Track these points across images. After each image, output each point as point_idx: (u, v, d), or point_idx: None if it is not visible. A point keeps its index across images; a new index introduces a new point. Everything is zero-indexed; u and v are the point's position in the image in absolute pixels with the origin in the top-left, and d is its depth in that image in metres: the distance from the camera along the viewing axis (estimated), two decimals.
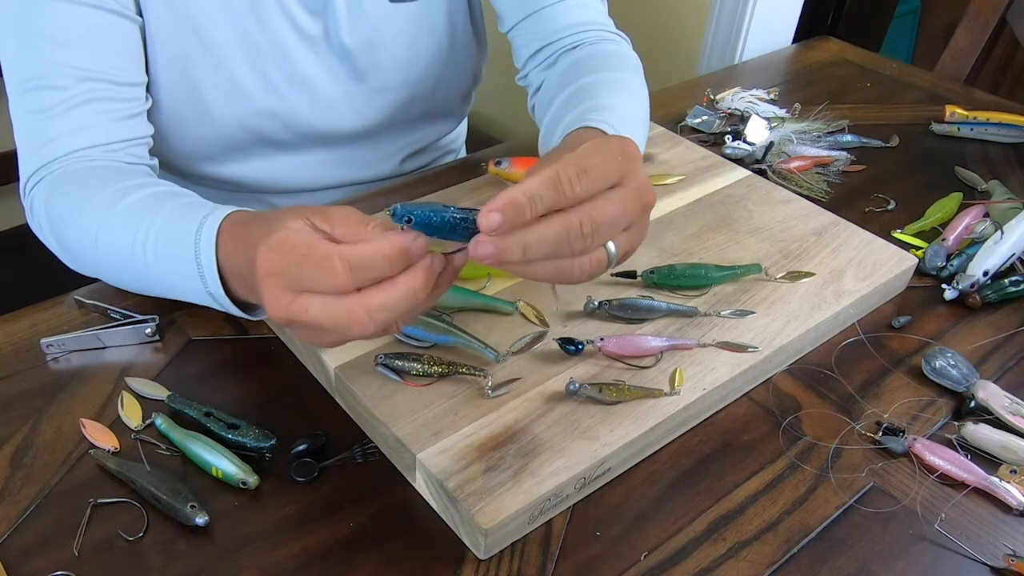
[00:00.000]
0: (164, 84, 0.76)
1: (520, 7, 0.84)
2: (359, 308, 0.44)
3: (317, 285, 0.45)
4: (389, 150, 0.94)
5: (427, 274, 0.45)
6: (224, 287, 0.58)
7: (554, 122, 0.73)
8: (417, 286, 0.45)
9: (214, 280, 0.58)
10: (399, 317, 0.46)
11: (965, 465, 0.61)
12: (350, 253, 0.44)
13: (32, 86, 0.67)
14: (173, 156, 0.82)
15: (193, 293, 0.61)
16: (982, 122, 1.06)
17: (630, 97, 0.74)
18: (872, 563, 0.55)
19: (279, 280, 0.46)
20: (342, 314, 0.44)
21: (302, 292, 0.46)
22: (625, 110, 0.69)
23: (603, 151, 0.46)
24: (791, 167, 0.95)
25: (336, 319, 0.45)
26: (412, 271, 0.45)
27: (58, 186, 0.67)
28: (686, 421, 0.63)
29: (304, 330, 0.47)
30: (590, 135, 0.63)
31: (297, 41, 0.79)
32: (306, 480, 0.58)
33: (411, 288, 0.45)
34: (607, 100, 0.69)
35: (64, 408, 0.63)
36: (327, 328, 0.45)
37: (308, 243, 0.45)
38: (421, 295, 0.45)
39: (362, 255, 0.44)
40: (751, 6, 1.32)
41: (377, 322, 0.45)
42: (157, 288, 0.65)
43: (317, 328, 0.46)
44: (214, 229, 0.57)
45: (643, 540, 0.56)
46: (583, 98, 0.71)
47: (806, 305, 0.71)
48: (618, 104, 0.69)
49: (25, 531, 0.54)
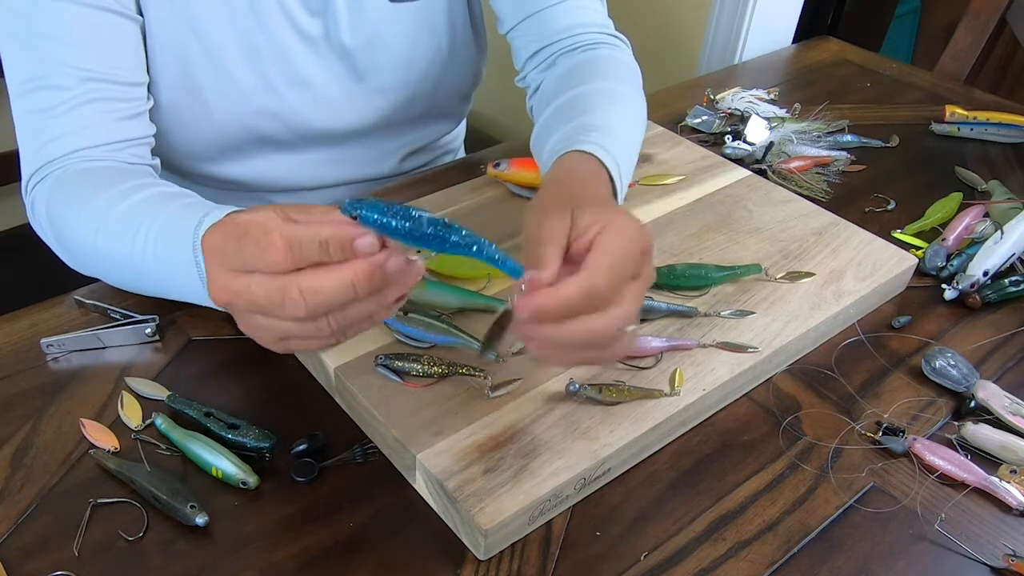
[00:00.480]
0: (164, 84, 0.76)
1: (519, 8, 0.84)
2: (292, 286, 0.43)
3: (256, 261, 0.44)
4: (388, 149, 0.94)
5: (369, 268, 0.43)
6: None
7: (545, 131, 0.73)
8: (357, 278, 0.43)
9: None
10: (333, 306, 0.44)
11: (965, 465, 0.61)
12: (291, 231, 0.43)
13: (34, 86, 0.67)
14: (173, 155, 0.82)
15: (192, 293, 0.61)
16: (982, 122, 1.06)
17: (624, 112, 0.73)
18: (872, 563, 0.55)
19: (220, 258, 0.46)
20: (276, 290, 0.43)
21: (243, 272, 0.45)
22: (618, 129, 0.69)
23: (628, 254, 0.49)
24: (791, 167, 0.95)
25: (270, 295, 0.44)
26: (354, 261, 0.44)
27: (59, 186, 0.67)
28: (686, 421, 0.63)
29: (244, 313, 0.47)
30: (582, 161, 0.63)
31: (297, 41, 0.79)
32: (306, 480, 0.58)
33: (348, 277, 0.43)
34: (600, 118, 0.69)
35: (64, 408, 0.63)
36: (262, 305, 0.44)
37: (253, 222, 0.45)
38: (361, 288, 0.44)
39: (301, 233, 0.43)
40: (751, 6, 1.32)
41: (310, 304, 0.43)
42: (157, 288, 0.65)
43: (254, 308, 0.45)
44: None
45: (643, 540, 0.56)
46: (576, 112, 0.71)
47: (806, 305, 0.71)
48: (611, 123, 0.69)
49: (25, 531, 0.54)
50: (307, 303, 0.43)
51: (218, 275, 0.46)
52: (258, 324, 0.46)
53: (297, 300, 0.43)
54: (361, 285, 0.43)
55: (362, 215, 0.43)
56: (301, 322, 0.45)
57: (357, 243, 0.43)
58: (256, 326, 0.47)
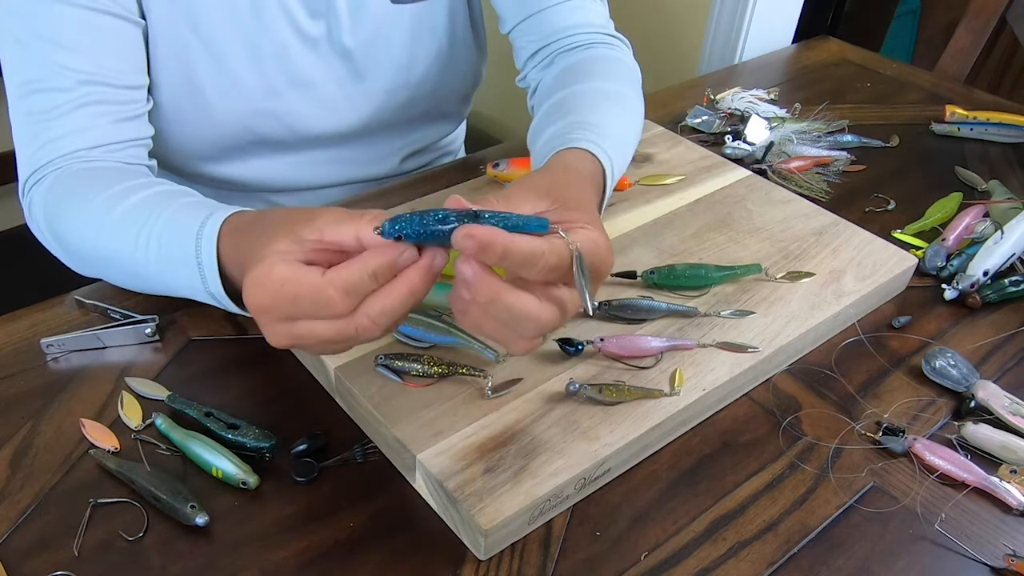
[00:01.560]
0: (165, 85, 0.76)
1: (520, 8, 0.84)
2: (364, 319, 0.46)
3: (318, 315, 0.46)
4: (389, 150, 0.94)
5: (423, 274, 0.46)
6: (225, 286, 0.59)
7: (540, 127, 0.73)
8: (415, 288, 0.46)
9: (215, 280, 0.58)
10: (401, 317, 0.47)
11: (965, 465, 0.61)
12: (342, 280, 0.45)
13: (32, 88, 0.68)
14: (174, 156, 0.82)
15: (194, 292, 0.61)
16: (982, 122, 1.06)
17: (620, 111, 0.73)
18: (872, 563, 0.55)
19: (273, 314, 0.47)
20: (347, 327, 0.46)
21: (299, 319, 0.47)
22: (612, 127, 0.69)
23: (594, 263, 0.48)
24: (791, 167, 0.95)
25: (343, 332, 0.46)
26: (409, 272, 0.46)
27: (57, 187, 0.67)
28: (686, 421, 0.63)
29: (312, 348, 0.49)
30: (575, 158, 0.63)
31: (298, 43, 0.79)
32: (306, 480, 0.58)
33: (408, 291, 0.46)
34: (594, 116, 0.69)
35: (64, 408, 0.63)
36: (332, 341, 0.47)
37: (296, 279, 0.46)
38: (420, 294, 0.46)
39: (352, 277, 0.45)
40: (751, 6, 1.32)
41: (381, 326, 0.46)
42: (158, 287, 0.65)
43: (321, 344, 0.47)
44: (215, 229, 0.57)
45: (643, 540, 0.56)
46: (570, 109, 0.71)
47: (806, 305, 0.71)
48: (605, 121, 0.69)
49: (25, 531, 0.54)
50: (378, 325, 0.46)
51: (275, 328, 0.48)
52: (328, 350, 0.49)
53: (371, 328, 0.46)
54: (420, 291, 0.46)
55: (405, 235, 0.45)
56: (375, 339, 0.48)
57: (400, 261, 0.45)
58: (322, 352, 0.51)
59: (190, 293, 0.62)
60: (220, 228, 0.57)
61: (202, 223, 0.58)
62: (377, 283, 0.45)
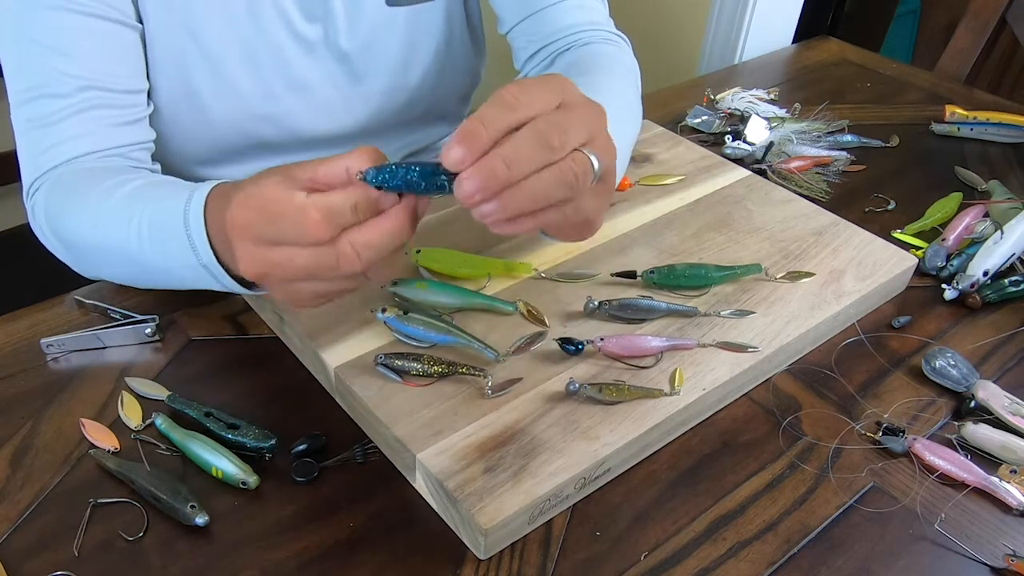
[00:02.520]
0: (163, 89, 0.76)
1: (519, 8, 0.84)
2: (347, 247, 0.45)
3: (295, 237, 0.45)
4: (388, 151, 0.93)
5: (410, 213, 0.46)
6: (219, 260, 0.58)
7: None
8: (404, 223, 0.46)
9: (206, 251, 0.57)
10: (385, 253, 0.46)
11: (965, 465, 0.61)
12: (324, 202, 0.44)
13: (32, 95, 0.68)
14: (172, 160, 0.82)
15: (189, 270, 0.60)
16: (982, 122, 1.06)
17: (619, 109, 0.73)
18: (872, 563, 0.55)
19: (251, 232, 0.47)
20: (326, 254, 0.45)
21: (279, 244, 0.46)
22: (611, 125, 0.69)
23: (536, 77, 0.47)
24: (791, 167, 0.95)
25: (321, 260, 0.45)
26: (396, 210, 0.46)
27: (56, 189, 0.68)
28: (686, 421, 0.63)
29: (281, 282, 0.48)
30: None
31: (295, 46, 0.79)
32: (306, 480, 0.58)
33: (398, 226, 0.46)
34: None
35: (64, 408, 0.63)
36: (310, 272, 0.46)
37: (280, 196, 0.45)
38: (406, 234, 0.46)
39: (334, 201, 0.44)
40: (751, 6, 1.32)
41: (364, 259, 0.46)
42: (156, 275, 0.65)
43: (298, 276, 0.46)
44: (202, 200, 0.57)
45: (643, 540, 0.56)
46: None
47: (806, 305, 0.71)
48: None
49: (25, 531, 0.54)
50: (361, 258, 0.45)
51: (250, 250, 0.47)
52: (297, 289, 0.48)
53: (352, 257, 0.45)
54: (405, 231, 0.46)
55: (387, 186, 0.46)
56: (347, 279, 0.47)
57: (381, 200, 0.46)
58: (295, 291, 0.48)
59: (186, 273, 0.61)
60: (206, 198, 0.57)
61: (188, 196, 0.58)
62: (357, 217, 0.45)
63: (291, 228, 0.45)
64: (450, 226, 0.79)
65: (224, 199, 0.56)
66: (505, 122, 0.43)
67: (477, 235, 0.77)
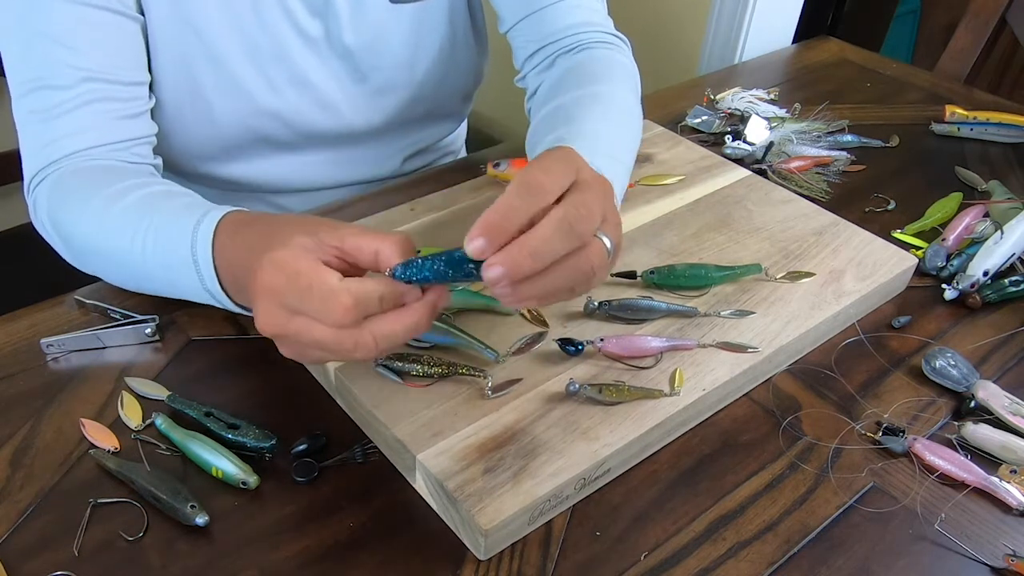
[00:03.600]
0: (166, 84, 0.76)
1: (519, 8, 0.84)
2: (367, 336, 0.47)
3: (320, 315, 0.46)
4: (390, 150, 0.94)
5: (431, 308, 0.48)
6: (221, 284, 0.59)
7: (536, 136, 0.73)
8: (422, 319, 0.48)
9: (211, 277, 0.58)
10: (401, 344, 0.49)
11: (965, 465, 0.61)
12: (357, 290, 0.46)
13: (34, 86, 0.68)
14: (175, 155, 0.82)
15: (191, 291, 0.61)
16: (982, 122, 1.06)
17: (617, 117, 0.73)
18: (872, 563, 0.55)
19: (277, 298, 0.47)
20: (349, 341, 0.47)
21: (302, 314, 0.47)
22: (605, 135, 0.69)
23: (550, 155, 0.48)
24: (791, 167, 0.95)
25: (340, 341, 0.47)
26: (418, 305, 0.48)
27: (60, 185, 0.67)
28: (686, 421, 0.63)
29: (293, 345, 0.49)
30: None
31: (298, 41, 0.79)
32: (306, 480, 0.58)
33: (418, 320, 0.48)
34: (590, 125, 0.69)
35: (64, 408, 0.63)
36: (325, 346, 0.47)
37: (314, 271, 0.47)
38: (423, 328, 0.48)
39: (366, 292, 0.46)
40: (751, 6, 1.32)
41: (381, 348, 0.47)
42: (156, 286, 0.65)
43: (312, 346, 0.48)
44: (212, 226, 0.58)
45: (643, 540, 0.56)
46: (567, 119, 0.70)
47: (806, 305, 0.71)
48: (601, 129, 0.69)
49: (25, 531, 0.54)
50: (378, 347, 0.47)
51: (273, 312, 0.48)
52: (307, 353, 0.49)
53: (370, 346, 0.47)
54: (423, 326, 0.48)
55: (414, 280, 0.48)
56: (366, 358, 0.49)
57: (407, 294, 0.48)
58: (304, 354, 0.50)
59: (188, 292, 0.62)
60: (216, 227, 0.58)
61: (198, 221, 0.58)
62: (381, 307, 0.47)
63: (319, 306, 0.46)
64: (450, 226, 0.79)
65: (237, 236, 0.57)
66: (528, 212, 0.45)
67: None
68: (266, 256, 0.48)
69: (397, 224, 0.79)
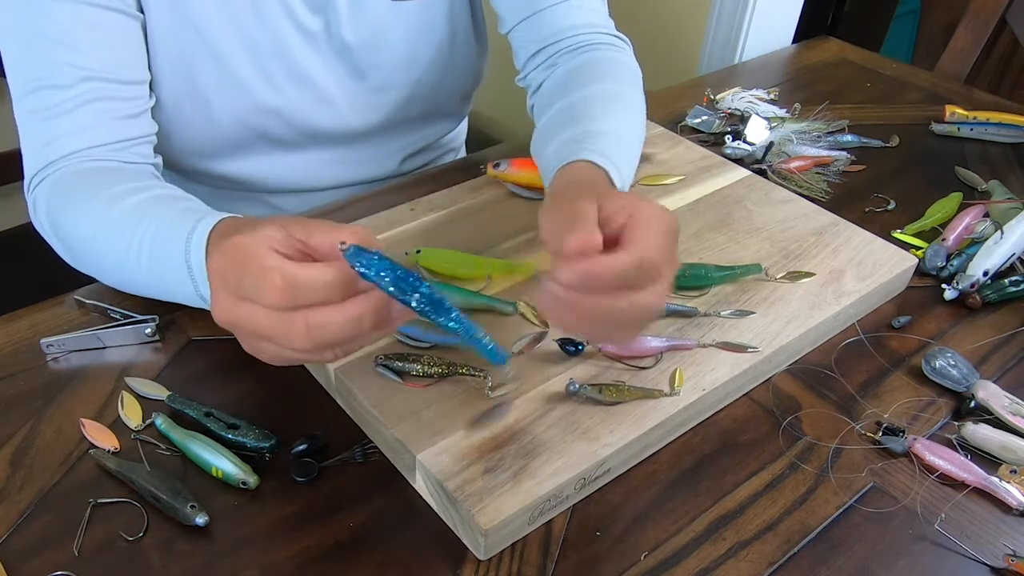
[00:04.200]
0: (166, 82, 0.76)
1: (519, 8, 0.84)
2: (300, 321, 0.44)
3: (254, 295, 0.45)
4: (390, 150, 0.94)
5: (378, 304, 0.45)
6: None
7: (546, 135, 0.73)
8: (365, 312, 0.44)
9: (204, 283, 0.58)
10: (339, 341, 0.45)
11: (965, 465, 0.61)
12: (291, 272, 0.44)
13: (34, 86, 0.68)
14: (175, 153, 0.82)
15: (186, 296, 0.61)
16: (982, 122, 1.06)
17: (626, 117, 0.73)
18: (872, 563, 0.55)
19: (224, 281, 0.46)
20: (281, 322, 0.44)
21: (246, 299, 0.45)
22: (619, 134, 0.69)
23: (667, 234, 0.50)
24: (791, 167, 0.95)
25: (275, 327, 0.44)
26: (363, 297, 0.45)
27: (59, 187, 0.67)
28: (686, 421, 0.63)
29: (247, 336, 0.47)
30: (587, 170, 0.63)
31: (297, 37, 0.79)
32: (306, 480, 0.58)
33: (358, 313, 0.44)
34: (602, 124, 0.69)
35: (64, 408, 0.63)
36: (267, 335, 0.45)
37: (255, 253, 0.45)
38: (367, 324, 0.45)
39: (302, 276, 0.43)
40: (751, 6, 1.32)
41: (316, 339, 0.44)
42: (153, 290, 0.65)
43: (258, 335, 0.46)
44: (205, 233, 0.57)
45: (643, 540, 0.56)
46: (577, 118, 0.70)
47: (806, 305, 0.71)
48: (612, 129, 0.69)
49: (25, 531, 0.54)
50: (312, 338, 0.44)
51: (221, 299, 0.47)
52: (262, 348, 0.47)
53: (303, 334, 0.44)
54: (368, 320, 0.45)
55: (361, 273, 0.44)
56: (307, 351, 0.46)
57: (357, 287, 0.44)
58: (259, 348, 0.48)
59: (183, 297, 0.62)
60: (210, 231, 0.57)
61: (192, 227, 0.58)
62: (326, 297, 0.44)
63: (253, 287, 0.44)
64: (450, 226, 0.79)
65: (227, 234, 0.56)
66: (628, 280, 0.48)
67: (477, 235, 0.77)
68: (222, 242, 0.47)
69: (397, 224, 0.79)
